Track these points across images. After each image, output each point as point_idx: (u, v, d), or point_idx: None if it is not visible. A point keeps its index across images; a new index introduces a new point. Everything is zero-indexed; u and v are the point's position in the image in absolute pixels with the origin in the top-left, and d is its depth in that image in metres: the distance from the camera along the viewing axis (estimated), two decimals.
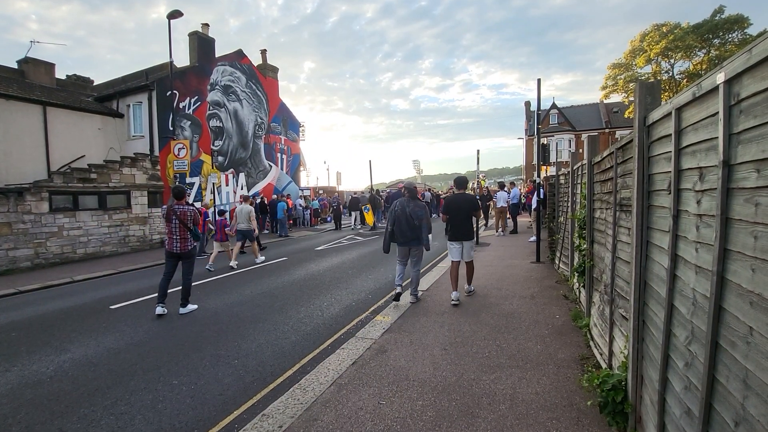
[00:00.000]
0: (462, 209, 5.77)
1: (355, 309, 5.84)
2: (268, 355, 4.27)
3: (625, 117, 31.03)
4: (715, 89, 1.45)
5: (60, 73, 17.49)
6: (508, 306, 5.43)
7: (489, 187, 18.63)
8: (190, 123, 15.89)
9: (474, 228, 6.10)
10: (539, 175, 9.76)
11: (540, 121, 8.70)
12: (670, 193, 1.89)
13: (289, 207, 17.58)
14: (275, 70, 21.52)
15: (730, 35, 24.73)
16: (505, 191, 13.58)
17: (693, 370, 1.64)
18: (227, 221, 10.02)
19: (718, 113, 1.42)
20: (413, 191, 5.81)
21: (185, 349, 4.50)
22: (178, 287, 6.08)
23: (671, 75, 27.19)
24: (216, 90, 17.22)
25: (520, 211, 14.65)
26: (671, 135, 1.87)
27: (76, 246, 11.66)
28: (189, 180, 14.35)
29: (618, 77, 28.19)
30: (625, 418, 2.53)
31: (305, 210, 20.70)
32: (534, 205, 10.68)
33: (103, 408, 3.31)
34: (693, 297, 1.66)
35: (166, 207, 5.88)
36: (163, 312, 5.74)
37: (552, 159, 21.19)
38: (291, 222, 18.45)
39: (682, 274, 1.79)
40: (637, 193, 2.32)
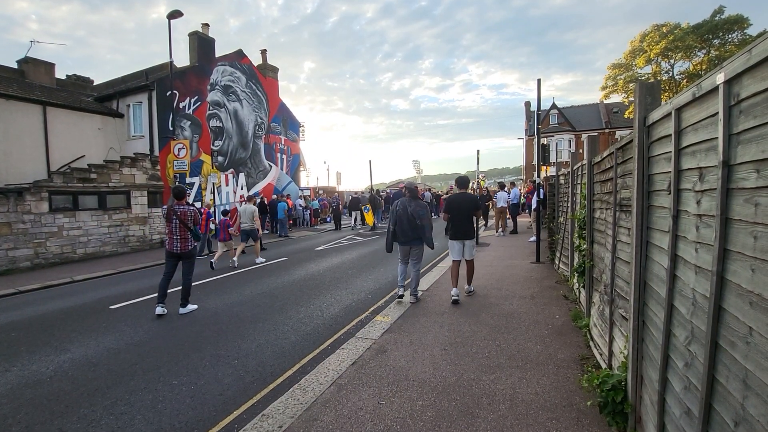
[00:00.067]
0: (463, 209, 5.82)
1: (355, 309, 5.84)
2: (268, 355, 4.27)
3: (625, 117, 31.03)
4: (715, 89, 1.46)
5: (60, 73, 17.52)
6: (508, 306, 5.43)
7: (488, 188, 18.64)
8: (190, 123, 15.89)
9: (475, 227, 6.12)
10: (539, 176, 9.77)
11: (540, 122, 8.71)
12: (670, 194, 1.89)
13: (289, 207, 17.59)
14: (275, 70, 21.52)
15: (729, 36, 24.74)
16: (505, 191, 13.58)
17: (693, 370, 1.64)
18: (230, 220, 10.12)
19: (717, 113, 1.42)
20: (414, 191, 5.86)
21: (185, 349, 4.50)
22: (178, 287, 6.08)
23: (671, 75, 27.20)
24: (216, 90, 17.22)
25: (520, 212, 14.66)
26: (671, 135, 1.87)
27: (76, 246, 11.66)
28: (189, 180, 14.36)
29: (618, 77, 28.19)
30: (625, 418, 2.53)
31: (305, 210, 20.71)
32: (534, 206, 10.68)
33: (103, 408, 3.32)
34: (693, 297, 1.66)
35: (166, 207, 5.88)
36: (163, 312, 5.74)
37: (552, 159, 21.18)
38: (291, 222, 18.46)
39: (681, 274, 1.79)
40: (637, 194, 2.33)
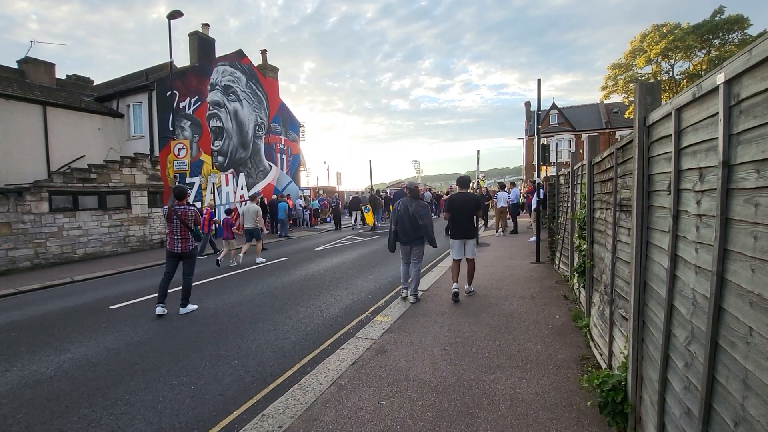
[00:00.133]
0: (464, 208, 5.83)
1: (355, 309, 5.84)
2: (268, 356, 4.27)
3: (625, 117, 31.04)
4: (715, 90, 1.46)
5: (60, 73, 17.51)
6: (508, 306, 5.43)
7: (488, 188, 18.65)
8: (190, 123, 15.89)
9: (476, 227, 6.14)
10: (539, 176, 9.77)
11: (540, 122, 8.71)
12: (670, 194, 1.89)
13: (290, 207, 17.60)
14: (275, 70, 21.52)
15: (730, 36, 24.74)
16: (506, 191, 13.58)
17: (693, 370, 1.64)
18: (232, 219, 10.21)
19: (718, 114, 1.42)
20: (415, 191, 5.88)
21: (185, 349, 4.50)
22: (178, 287, 6.09)
23: (671, 75, 27.20)
24: (216, 90, 17.22)
25: (519, 212, 14.66)
26: (671, 135, 1.87)
27: (75, 246, 11.66)
28: (189, 180, 14.36)
29: (618, 77, 28.20)
30: (625, 418, 2.53)
31: (305, 210, 20.71)
32: (534, 206, 10.68)
33: (103, 408, 3.32)
34: (693, 297, 1.66)
35: (167, 207, 5.89)
36: (163, 312, 5.74)
37: (552, 159, 21.18)
38: (291, 222, 18.47)
39: (681, 274, 1.79)
40: (637, 194, 2.33)
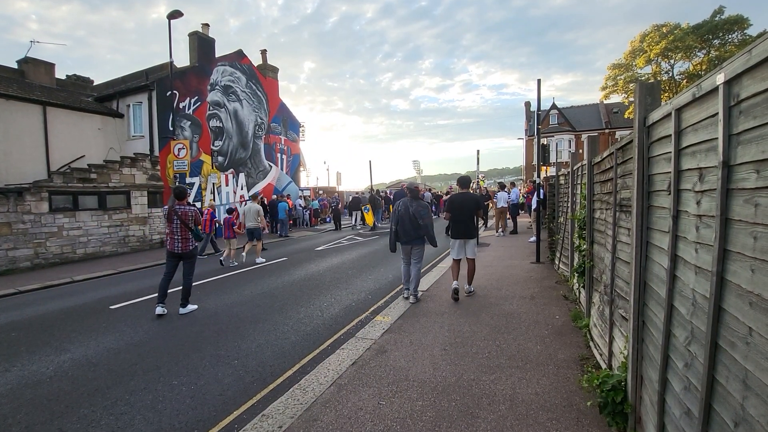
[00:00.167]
0: (465, 208, 5.85)
1: (355, 309, 5.84)
2: (267, 356, 4.27)
3: (625, 117, 31.03)
4: (715, 90, 1.46)
5: (60, 73, 17.50)
6: (508, 306, 5.43)
7: (487, 188, 18.65)
8: (190, 123, 15.89)
9: (477, 227, 6.16)
10: (539, 176, 9.77)
11: (540, 122, 8.71)
12: (669, 194, 1.89)
13: (290, 207, 17.60)
14: (275, 70, 21.52)
15: (729, 36, 24.74)
16: (506, 192, 13.59)
17: (693, 370, 1.64)
18: (233, 218, 10.24)
19: (717, 114, 1.42)
20: (415, 191, 5.90)
21: (185, 349, 4.50)
22: (177, 287, 6.09)
23: (671, 76, 27.19)
24: (216, 90, 17.22)
25: (519, 212, 14.66)
26: (671, 135, 1.87)
27: (75, 246, 11.66)
28: (189, 180, 14.36)
29: (618, 78, 28.19)
30: (625, 418, 2.53)
31: (305, 210, 20.71)
32: (534, 206, 10.68)
33: (103, 408, 3.32)
34: (693, 297, 1.66)
35: (167, 207, 5.89)
36: (163, 312, 5.74)
37: (552, 159, 21.17)
38: (291, 222, 18.47)
39: (681, 274, 1.79)
40: (637, 194, 2.33)
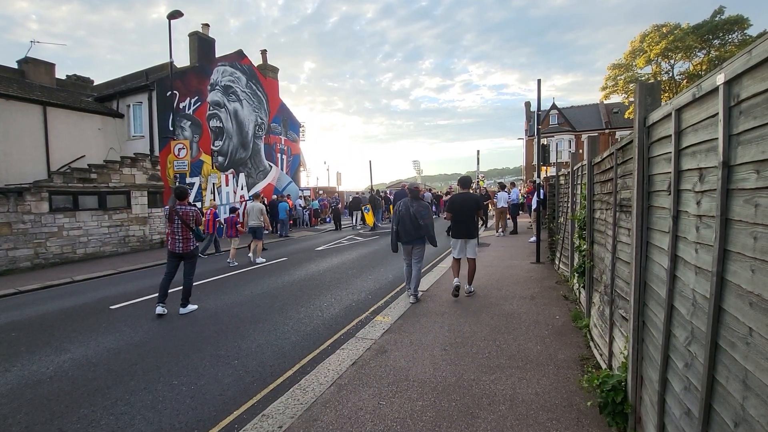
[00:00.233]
0: (466, 208, 5.89)
1: (355, 309, 5.84)
2: (268, 356, 4.27)
3: (625, 118, 31.03)
4: (715, 90, 1.46)
5: (60, 73, 17.50)
6: (508, 306, 5.43)
7: (487, 188, 18.65)
8: (190, 123, 15.89)
9: (477, 227, 6.18)
10: (539, 176, 9.77)
11: (540, 122, 8.71)
12: (670, 194, 1.89)
13: (290, 207, 17.60)
14: (275, 70, 21.53)
15: (729, 36, 24.74)
16: (506, 192, 13.59)
17: (693, 370, 1.64)
18: (238, 218, 10.29)
19: (717, 114, 1.42)
20: (415, 192, 5.93)
21: (185, 350, 4.50)
22: (178, 287, 6.09)
23: (671, 76, 27.19)
24: (216, 90, 17.22)
25: (519, 212, 14.66)
26: (671, 136, 1.87)
27: (75, 246, 11.66)
28: (189, 180, 14.36)
29: (618, 78, 28.19)
30: (625, 418, 2.53)
31: (305, 210, 20.71)
32: (534, 206, 10.68)
33: (103, 408, 3.32)
34: (693, 298, 1.66)
35: (168, 207, 5.90)
36: (164, 312, 5.75)
37: (552, 159, 21.16)
38: (291, 222, 18.47)
39: (681, 274, 1.79)
40: (637, 194, 2.33)
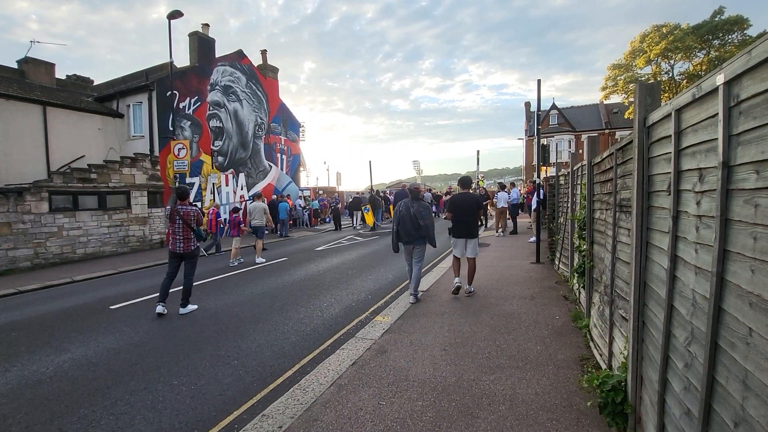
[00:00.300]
0: (466, 208, 5.94)
1: (355, 309, 5.84)
2: (268, 356, 4.27)
3: (625, 118, 31.03)
4: (715, 90, 1.46)
5: (60, 73, 17.50)
6: (508, 306, 5.43)
7: (486, 189, 18.65)
8: (190, 123, 15.89)
9: (477, 226, 6.22)
10: (539, 176, 9.77)
11: (540, 122, 8.71)
12: (669, 194, 1.89)
13: (290, 207, 17.60)
14: (275, 70, 21.52)
15: (729, 36, 24.75)
16: (506, 192, 13.59)
17: (693, 370, 1.64)
18: (241, 218, 10.30)
19: (717, 114, 1.43)
20: (416, 192, 5.96)
21: (185, 350, 4.50)
22: (178, 287, 6.09)
23: (671, 76, 27.20)
24: (216, 90, 17.22)
25: (519, 212, 14.66)
26: (671, 136, 1.87)
27: (75, 246, 11.66)
28: (189, 180, 14.35)
29: (618, 78, 28.20)
30: (625, 418, 2.53)
31: (305, 210, 20.71)
32: (534, 206, 10.68)
33: (103, 408, 3.32)
34: (693, 298, 1.66)
35: (169, 207, 5.90)
36: (164, 311, 5.75)
37: (552, 159, 21.15)
38: (291, 222, 18.47)
39: (681, 275, 1.79)
40: (637, 194, 2.33)
